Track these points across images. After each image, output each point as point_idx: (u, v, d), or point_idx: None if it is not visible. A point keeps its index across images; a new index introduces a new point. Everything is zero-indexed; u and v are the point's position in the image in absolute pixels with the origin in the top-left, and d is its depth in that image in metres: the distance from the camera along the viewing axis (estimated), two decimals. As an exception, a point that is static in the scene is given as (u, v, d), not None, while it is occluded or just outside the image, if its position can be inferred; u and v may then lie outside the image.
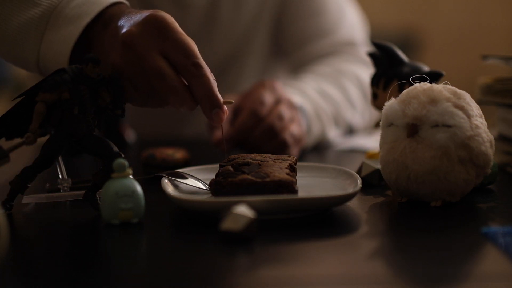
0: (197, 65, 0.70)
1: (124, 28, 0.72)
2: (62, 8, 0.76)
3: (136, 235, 0.64)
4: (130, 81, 0.72)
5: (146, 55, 0.70)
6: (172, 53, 0.71)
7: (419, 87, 0.70)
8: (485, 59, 0.95)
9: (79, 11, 0.75)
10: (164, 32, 0.71)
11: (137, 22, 0.72)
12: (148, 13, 0.72)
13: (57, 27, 0.75)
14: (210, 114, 0.71)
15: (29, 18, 0.76)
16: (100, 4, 0.76)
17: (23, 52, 0.76)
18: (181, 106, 0.72)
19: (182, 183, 0.74)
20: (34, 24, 0.76)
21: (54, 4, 0.76)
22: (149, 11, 0.72)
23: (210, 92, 0.71)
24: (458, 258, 0.56)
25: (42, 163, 0.69)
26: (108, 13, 0.75)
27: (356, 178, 0.71)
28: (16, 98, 0.70)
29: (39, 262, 0.57)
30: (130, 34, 0.71)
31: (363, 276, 0.52)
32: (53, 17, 0.75)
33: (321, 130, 1.13)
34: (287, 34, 1.35)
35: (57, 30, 0.75)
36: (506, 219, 0.68)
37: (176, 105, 0.72)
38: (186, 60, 0.70)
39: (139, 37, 0.71)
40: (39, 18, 0.76)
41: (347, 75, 1.25)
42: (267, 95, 1.00)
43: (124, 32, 0.72)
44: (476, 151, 0.68)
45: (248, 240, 0.59)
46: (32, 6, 0.76)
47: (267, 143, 0.98)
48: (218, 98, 0.71)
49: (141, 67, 0.71)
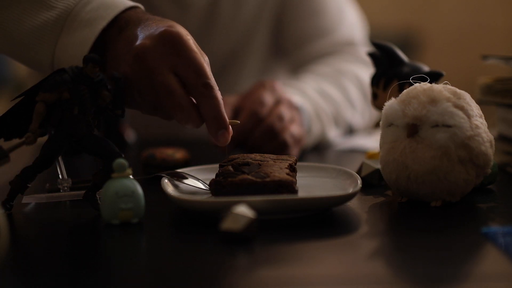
0: (207, 85, 0.70)
1: (139, 40, 0.72)
2: (77, 12, 0.75)
3: (136, 235, 0.64)
4: (138, 92, 0.72)
5: (157, 71, 0.70)
6: (183, 71, 0.70)
7: (419, 87, 0.70)
8: (485, 59, 0.95)
9: (95, 15, 0.75)
10: (178, 48, 0.70)
11: (152, 35, 0.71)
12: (164, 28, 0.71)
13: (72, 31, 0.75)
14: (216, 135, 0.72)
15: (44, 21, 0.75)
16: (115, 8, 0.75)
17: (36, 55, 0.76)
18: (187, 123, 0.72)
19: (182, 183, 0.74)
20: (49, 27, 0.75)
21: (70, 7, 0.76)
22: (165, 25, 0.72)
23: (219, 114, 0.71)
24: (458, 258, 0.56)
25: (42, 163, 0.69)
26: (124, 18, 0.75)
27: (356, 178, 0.71)
28: (16, 98, 0.70)
29: (39, 262, 0.57)
30: (144, 47, 0.71)
31: (363, 276, 0.52)
32: (68, 20, 0.75)
33: (321, 130, 1.13)
34: (287, 34, 1.35)
35: (73, 33, 0.75)
36: (506, 219, 0.68)
37: (181, 122, 0.72)
38: (197, 80, 0.70)
39: (152, 52, 0.70)
40: (55, 21, 0.75)
41: (347, 75, 1.25)
42: (267, 96, 1.00)
43: (138, 44, 0.71)
44: (476, 151, 0.68)
45: (248, 240, 0.59)
46: (46, 9, 0.76)
47: (267, 143, 0.98)
48: (225, 120, 0.71)
49: (151, 81, 0.71)
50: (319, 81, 1.20)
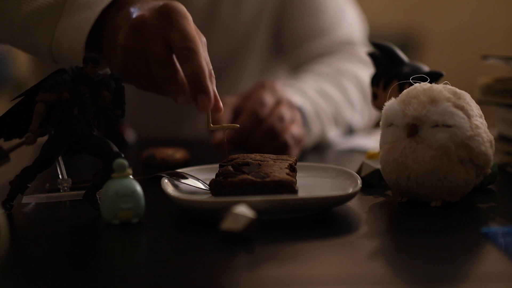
0: (189, 49, 0.70)
1: (137, 13, 0.73)
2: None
3: (136, 235, 0.64)
4: (133, 64, 0.72)
5: (151, 41, 0.71)
6: (172, 37, 0.71)
7: (419, 87, 0.70)
8: (485, 59, 0.95)
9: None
10: (172, 19, 0.71)
11: (151, 8, 0.73)
12: (164, 3, 0.73)
13: (71, 13, 0.75)
14: (195, 99, 0.71)
15: (42, 5, 0.76)
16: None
17: (33, 39, 0.77)
18: (178, 97, 0.72)
19: (182, 183, 0.74)
20: (48, 10, 0.76)
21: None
22: (165, 1, 0.73)
23: (199, 78, 0.70)
24: (458, 258, 0.56)
25: (42, 163, 0.69)
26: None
27: (356, 178, 0.71)
28: (16, 98, 0.70)
29: (39, 262, 0.57)
30: (141, 19, 0.72)
31: (363, 276, 0.52)
32: (68, 4, 0.76)
33: (321, 130, 1.13)
34: (287, 33, 1.35)
35: (72, 16, 0.75)
36: (506, 219, 0.68)
37: (173, 95, 0.72)
38: (181, 43, 0.70)
39: (149, 23, 0.72)
40: (54, 4, 0.76)
41: (346, 75, 1.25)
42: (268, 96, 1.00)
43: (136, 16, 0.73)
44: (476, 151, 0.68)
45: (248, 240, 0.59)
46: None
47: (268, 144, 0.98)
48: (206, 85, 0.70)
49: (145, 52, 0.71)
50: (319, 81, 1.20)
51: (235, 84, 1.34)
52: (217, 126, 0.75)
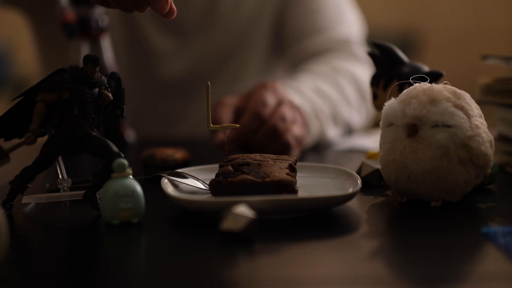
0: None
1: None
2: None
3: (136, 235, 0.64)
4: None
5: None
6: None
7: (419, 87, 0.70)
8: (485, 59, 0.95)
9: None
10: None
11: None
12: None
13: None
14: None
15: None
16: None
17: None
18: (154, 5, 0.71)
19: (182, 183, 0.74)
20: None
21: None
22: None
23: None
24: (458, 258, 0.56)
25: (42, 163, 0.69)
26: None
27: (356, 178, 0.71)
28: (16, 98, 0.70)
29: (39, 262, 0.57)
30: None
31: (363, 276, 0.52)
32: None
33: (320, 129, 1.13)
34: (286, 30, 1.35)
35: None
36: (506, 219, 0.68)
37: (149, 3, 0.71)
38: None
39: None
40: None
41: (342, 73, 1.25)
42: (269, 96, 1.00)
43: None
44: (476, 151, 0.68)
45: (248, 240, 0.59)
46: None
47: (270, 144, 0.98)
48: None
49: None
50: (316, 80, 1.20)
51: (236, 80, 1.34)
52: (217, 126, 0.75)
